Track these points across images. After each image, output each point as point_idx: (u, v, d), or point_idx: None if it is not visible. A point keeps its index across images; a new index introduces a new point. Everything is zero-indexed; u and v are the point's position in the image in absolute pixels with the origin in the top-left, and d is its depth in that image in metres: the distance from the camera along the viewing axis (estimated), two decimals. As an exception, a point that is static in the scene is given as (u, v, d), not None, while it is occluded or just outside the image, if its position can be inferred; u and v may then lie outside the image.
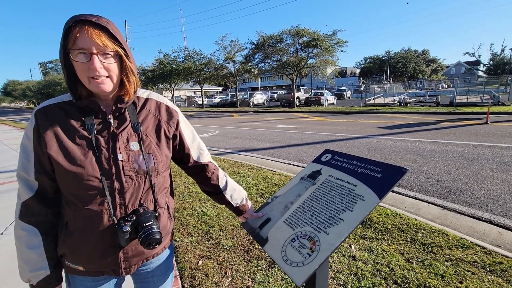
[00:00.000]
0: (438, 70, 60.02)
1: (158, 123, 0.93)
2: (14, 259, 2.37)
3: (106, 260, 0.86)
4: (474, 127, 8.71)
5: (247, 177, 4.36)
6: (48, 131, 0.79)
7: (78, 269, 0.87)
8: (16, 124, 18.27)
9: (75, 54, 0.74)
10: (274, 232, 1.10)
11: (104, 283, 0.93)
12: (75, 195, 0.81)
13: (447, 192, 3.65)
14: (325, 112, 17.22)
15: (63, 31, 0.74)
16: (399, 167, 1.01)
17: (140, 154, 0.85)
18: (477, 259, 2.11)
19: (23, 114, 32.95)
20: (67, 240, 0.84)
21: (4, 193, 4.11)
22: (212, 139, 9.10)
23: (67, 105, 0.84)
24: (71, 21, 0.73)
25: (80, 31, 0.72)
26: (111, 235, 0.83)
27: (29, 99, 62.76)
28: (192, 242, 2.54)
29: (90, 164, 0.78)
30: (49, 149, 0.78)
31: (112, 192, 0.81)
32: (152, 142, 0.89)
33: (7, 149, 8.02)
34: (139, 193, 0.86)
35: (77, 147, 0.79)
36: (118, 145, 0.83)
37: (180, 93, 43.25)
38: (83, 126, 0.81)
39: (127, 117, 0.88)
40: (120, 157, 0.82)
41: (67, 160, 0.78)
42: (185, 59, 26.61)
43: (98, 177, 0.79)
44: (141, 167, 0.85)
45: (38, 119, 0.81)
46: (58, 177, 0.82)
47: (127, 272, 0.91)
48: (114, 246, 0.85)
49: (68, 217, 0.84)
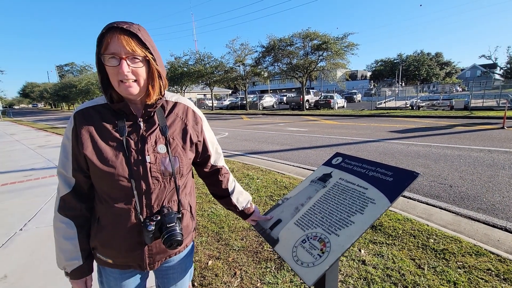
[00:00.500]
0: (452, 73, 58.63)
1: (185, 127, 0.96)
2: (33, 254, 2.48)
3: (132, 255, 0.92)
4: (490, 132, 8.46)
5: (256, 179, 4.38)
6: (84, 132, 0.86)
7: (107, 261, 0.93)
8: (34, 124, 18.93)
9: (106, 59, 0.78)
10: (285, 233, 1.12)
11: (131, 276, 1.00)
12: (107, 193, 0.87)
13: (460, 198, 3.57)
14: (335, 115, 17.08)
15: (98, 38, 0.79)
16: (411, 171, 1.02)
17: (167, 156, 0.89)
18: (491, 266, 2.06)
19: (40, 115, 34.11)
20: (98, 234, 0.91)
21: (23, 191, 4.28)
22: (221, 141, 9.18)
23: (102, 107, 0.90)
24: (105, 28, 0.78)
25: (112, 37, 0.77)
26: (137, 232, 0.88)
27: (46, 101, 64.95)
28: (202, 243, 2.58)
29: (120, 165, 0.84)
30: (85, 150, 0.84)
31: (140, 193, 0.86)
32: (178, 145, 0.93)
33: (25, 149, 8.33)
34: (164, 194, 0.90)
35: (109, 148, 0.85)
36: (147, 147, 0.87)
37: (191, 95, 43.80)
38: (115, 128, 0.87)
39: (156, 120, 0.92)
40: (148, 159, 0.86)
41: (100, 161, 0.83)
42: (196, 62, 26.98)
43: (127, 177, 0.84)
44: (167, 169, 0.89)
45: (76, 120, 0.87)
46: (92, 175, 0.88)
47: (151, 268, 0.96)
48: (140, 243, 0.90)
49: (100, 213, 0.90)
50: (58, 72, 64.36)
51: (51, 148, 8.34)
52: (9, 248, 2.60)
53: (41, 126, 16.83)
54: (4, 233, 2.88)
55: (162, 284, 1.07)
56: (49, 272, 2.21)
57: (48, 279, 2.13)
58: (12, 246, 2.64)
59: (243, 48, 24.64)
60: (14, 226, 3.05)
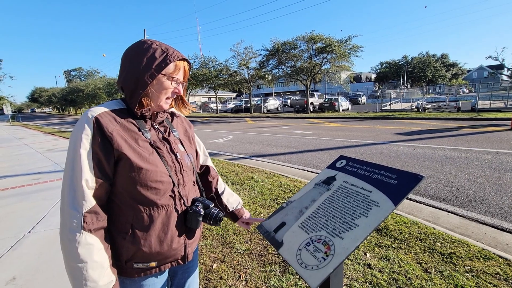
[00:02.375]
0: (458, 74, 58.03)
1: (186, 130, 1.13)
2: (41, 256, 2.52)
3: (176, 249, 0.97)
4: (498, 133, 8.34)
5: (260, 182, 4.39)
6: (116, 134, 0.85)
7: (150, 266, 0.92)
8: (42, 128, 19.26)
9: (171, 79, 0.93)
10: (289, 236, 1.12)
11: (161, 278, 1.01)
12: (148, 192, 0.88)
13: (468, 201, 3.52)
14: (340, 118, 17.02)
15: (165, 59, 0.90)
16: (415, 174, 1.02)
17: (185, 153, 1.04)
18: (499, 271, 2.03)
19: (48, 119, 34.69)
20: (141, 241, 0.87)
21: (31, 194, 4.35)
22: (226, 144, 9.21)
23: (119, 112, 0.92)
24: (179, 57, 0.94)
25: (184, 67, 0.98)
26: (181, 223, 0.97)
27: (54, 105, 66.03)
28: (207, 245, 2.59)
29: (159, 162, 0.91)
30: (124, 150, 0.84)
31: (178, 185, 0.97)
32: (187, 145, 1.09)
33: (34, 153, 8.48)
34: (190, 185, 1.05)
35: (142, 148, 0.90)
36: (173, 146, 1.00)
37: (195, 99, 44.14)
38: (140, 131, 0.92)
39: (167, 125, 1.05)
40: (178, 156, 0.99)
41: (141, 160, 0.87)
42: (200, 65, 27.20)
43: (167, 173, 0.92)
44: (188, 164, 1.03)
45: (101, 124, 0.83)
46: (126, 177, 0.85)
47: (189, 258, 1.04)
48: (183, 234, 0.99)
49: (135, 219, 0.88)
50: (65, 77, 65.55)
51: (59, 151, 8.47)
52: (18, 251, 2.64)
53: (49, 130, 17.12)
54: (13, 236, 2.94)
55: (183, 279, 1.12)
56: (57, 274, 2.24)
57: (57, 282, 2.16)
58: (20, 248, 2.69)
59: (247, 51, 24.80)
60: (23, 228, 3.10)
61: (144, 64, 0.88)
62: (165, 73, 0.91)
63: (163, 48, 0.92)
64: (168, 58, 0.90)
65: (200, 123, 18.60)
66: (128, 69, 0.90)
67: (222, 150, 8.11)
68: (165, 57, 0.90)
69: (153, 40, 0.95)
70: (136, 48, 0.92)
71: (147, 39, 0.95)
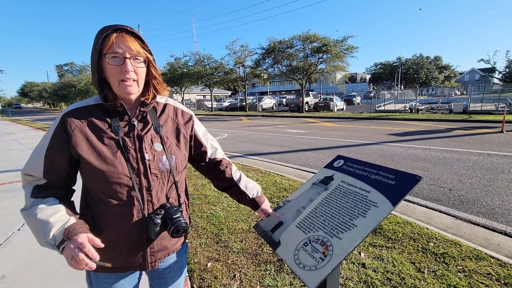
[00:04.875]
0: (451, 77, 58.97)
1: (177, 126, 1.00)
2: (31, 254, 2.46)
3: (134, 255, 0.91)
4: (489, 135, 8.49)
5: (255, 181, 4.37)
6: (78, 133, 0.83)
7: (105, 266, 0.90)
8: (32, 124, 18.87)
9: (109, 58, 0.80)
10: (287, 235, 1.11)
11: (126, 280, 0.97)
12: (106, 193, 0.85)
13: (460, 202, 3.58)
14: (334, 118, 17.11)
15: (99, 37, 0.79)
16: (413, 174, 1.02)
17: (163, 154, 0.92)
18: (491, 271, 2.06)
19: (38, 115, 34.01)
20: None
21: (21, 190, 4.24)
22: (221, 142, 9.17)
23: (93, 108, 0.88)
24: (109, 29, 0.80)
25: (117, 37, 0.80)
26: (140, 230, 0.89)
27: (45, 100, 64.79)
28: (202, 244, 2.57)
29: (119, 163, 0.84)
30: (80, 150, 0.82)
31: (141, 189, 0.87)
32: (172, 144, 0.97)
33: (24, 148, 8.30)
34: (163, 190, 0.93)
35: (106, 147, 0.84)
36: (144, 145, 0.89)
37: (190, 96, 43.80)
38: (110, 128, 0.87)
39: (149, 120, 0.94)
40: (147, 157, 0.88)
41: (98, 160, 0.82)
42: (195, 63, 26.99)
43: (127, 175, 0.85)
44: (165, 166, 0.92)
45: (66, 121, 0.84)
46: (88, 176, 0.86)
47: (152, 267, 0.96)
48: (142, 241, 0.90)
49: (97, 215, 0.87)
50: (57, 71, 64.32)
51: (49, 147, 8.29)
52: (7, 248, 2.58)
53: (39, 126, 16.78)
54: (2, 233, 2.86)
55: (158, 285, 1.06)
56: (47, 272, 2.19)
57: (47, 280, 2.11)
58: (10, 246, 2.62)
59: (243, 49, 24.70)
60: (12, 226, 3.03)
61: (91, 53, 0.82)
62: (106, 52, 0.80)
63: (103, 28, 0.81)
64: (101, 35, 0.79)
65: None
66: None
67: (217, 148, 8.07)
68: (99, 35, 0.79)
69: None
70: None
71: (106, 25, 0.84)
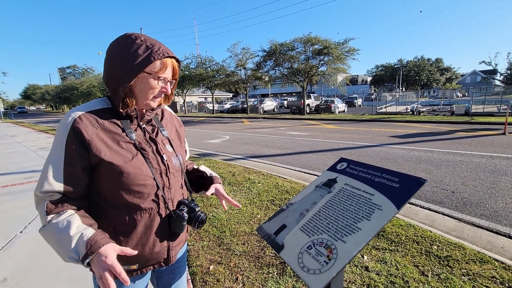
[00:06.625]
0: (452, 78, 58.88)
1: (176, 129, 1.09)
2: (33, 257, 2.46)
3: (158, 252, 0.94)
4: (491, 137, 8.46)
5: (257, 183, 4.37)
6: (96, 139, 0.81)
7: (130, 268, 0.90)
8: (35, 126, 18.96)
9: (157, 78, 0.86)
10: (290, 238, 1.11)
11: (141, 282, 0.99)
12: (129, 196, 0.85)
13: (463, 204, 3.55)
14: (336, 120, 17.10)
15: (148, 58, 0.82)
16: (417, 177, 1.01)
17: (174, 154, 0.99)
18: (495, 274, 2.04)
19: (41, 117, 34.18)
20: (122, 244, 0.86)
21: (23, 193, 4.27)
22: (222, 144, 9.17)
23: (101, 112, 0.87)
24: (165, 54, 0.85)
25: (170, 64, 0.89)
26: (164, 226, 0.94)
27: (47, 103, 65.11)
28: (204, 247, 2.56)
29: (143, 165, 0.87)
30: (103, 156, 0.81)
31: (163, 188, 0.93)
32: (177, 145, 1.05)
33: (26, 151, 8.33)
34: (177, 187, 1.00)
35: (125, 151, 0.86)
36: (160, 147, 0.95)
37: (192, 98, 43.96)
38: (124, 132, 0.88)
39: (155, 124, 0.99)
40: (165, 157, 0.95)
41: (123, 163, 0.83)
42: (197, 65, 27.09)
43: (151, 176, 0.89)
44: (176, 165, 0.99)
45: (80, 130, 0.80)
46: (108, 181, 0.84)
47: (172, 261, 1.01)
48: (166, 237, 0.96)
49: (117, 221, 0.86)
50: (60, 74, 64.67)
51: (52, 150, 8.33)
52: (9, 251, 2.58)
53: (42, 128, 16.86)
54: (4, 236, 2.87)
55: (168, 280, 1.10)
56: (49, 275, 2.19)
57: (49, 282, 2.11)
58: (12, 248, 2.63)
59: (245, 52, 24.74)
60: (14, 228, 3.03)
61: (125, 62, 0.80)
62: (150, 72, 0.83)
63: (148, 44, 0.83)
64: (152, 55, 0.82)
65: (196, 123, 18.51)
66: (110, 67, 0.84)
67: (218, 150, 8.08)
68: (149, 54, 0.81)
69: (139, 34, 0.86)
70: (119, 43, 0.84)
71: (132, 33, 0.85)
